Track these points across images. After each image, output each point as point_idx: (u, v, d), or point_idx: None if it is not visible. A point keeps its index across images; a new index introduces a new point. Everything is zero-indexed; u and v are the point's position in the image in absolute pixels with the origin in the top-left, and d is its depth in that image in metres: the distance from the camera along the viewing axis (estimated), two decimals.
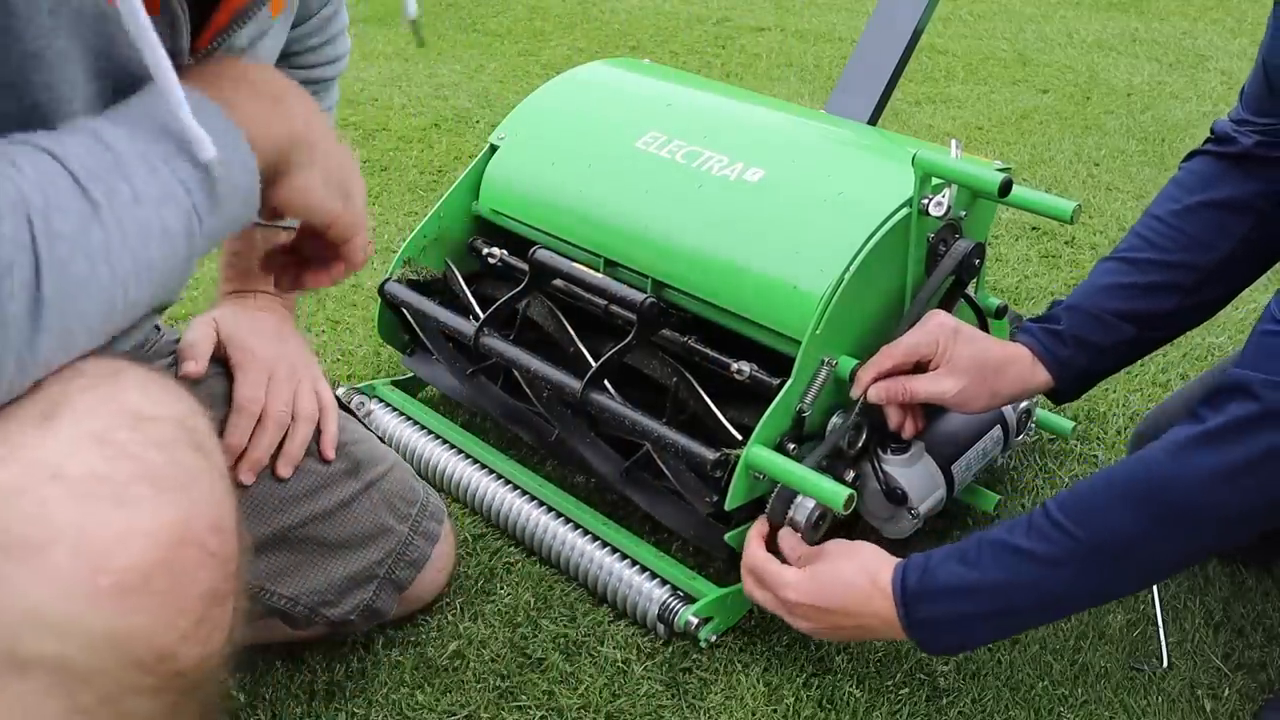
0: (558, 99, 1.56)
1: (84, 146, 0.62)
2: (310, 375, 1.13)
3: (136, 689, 0.63)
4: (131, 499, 0.61)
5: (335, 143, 0.81)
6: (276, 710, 1.13)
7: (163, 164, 0.64)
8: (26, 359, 0.60)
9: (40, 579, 0.59)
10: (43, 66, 0.65)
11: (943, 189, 1.21)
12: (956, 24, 3.86)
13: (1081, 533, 0.99)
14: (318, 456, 1.10)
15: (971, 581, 1.02)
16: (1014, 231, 2.24)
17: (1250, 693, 1.21)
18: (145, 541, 0.61)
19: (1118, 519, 0.98)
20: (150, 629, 0.62)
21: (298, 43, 1.08)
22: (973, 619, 1.04)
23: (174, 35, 0.73)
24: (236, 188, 0.70)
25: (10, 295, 0.57)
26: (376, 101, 2.86)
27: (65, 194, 0.60)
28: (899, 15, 1.59)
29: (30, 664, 0.60)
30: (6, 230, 0.57)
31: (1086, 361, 1.21)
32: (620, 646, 1.22)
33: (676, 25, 3.76)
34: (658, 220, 1.35)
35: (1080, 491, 1.02)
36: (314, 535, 1.08)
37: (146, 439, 0.64)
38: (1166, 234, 1.21)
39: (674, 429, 1.23)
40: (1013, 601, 1.02)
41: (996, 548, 1.03)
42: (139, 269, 0.64)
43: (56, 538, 0.59)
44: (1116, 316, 1.20)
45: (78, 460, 0.61)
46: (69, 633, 0.60)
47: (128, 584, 0.60)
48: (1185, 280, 1.20)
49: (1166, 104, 3.10)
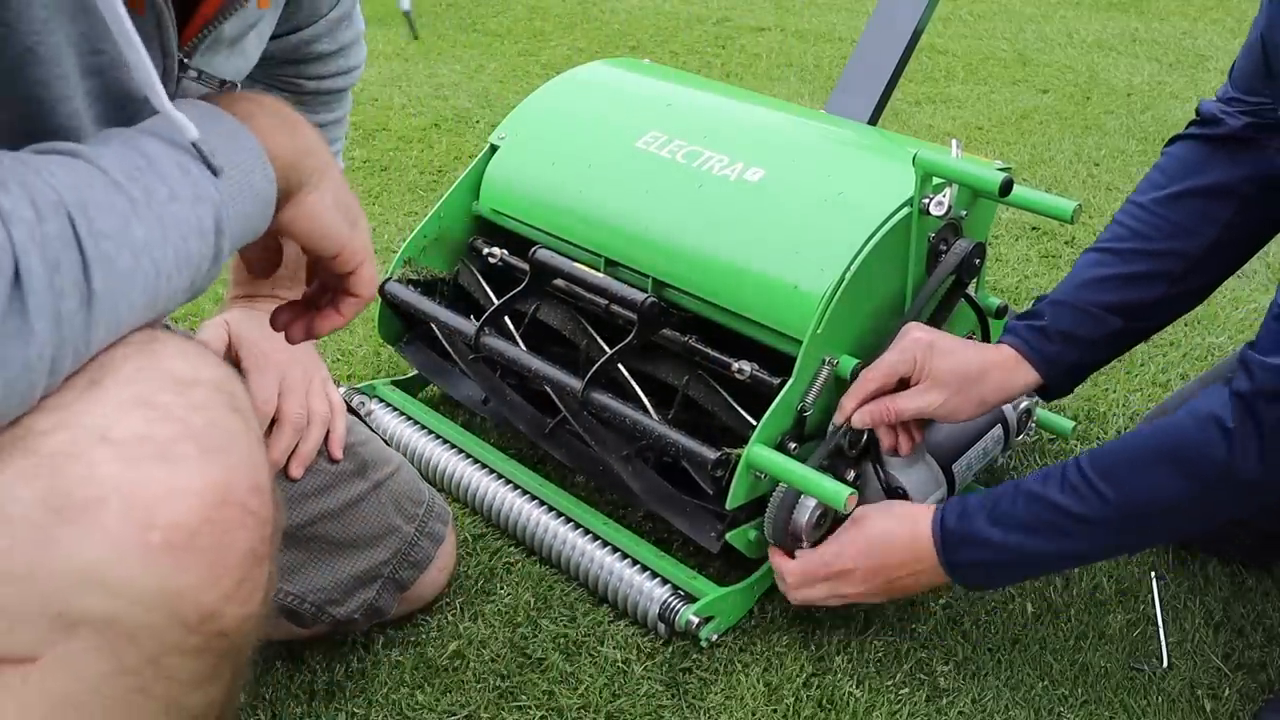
0: (558, 99, 1.56)
1: (115, 151, 0.64)
2: (320, 377, 1.16)
3: (180, 649, 0.64)
4: (177, 459, 0.63)
5: (340, 174, 0.82)
6: (276, 710, 1.13)
7: (193, 165, 0.67)
8: (83, 352, 0.62)
9: (92, 538, 0.60)
10: (37, 62, 0.66)
11: (943, 189, 1.21)
12: (956, 24, 3.86)
13: (1115, 493, 1.03)
14: (326, 456, 1.11)
15: (1004, 533, 1.07)
16: (1014, 231, 2.24)
17: (1250, 693, 1.21)
18: (192, 500, 0.63)
19: (1152, 481, 1.02)
20: (197, 586, 0.63)
21: (306, 47, 1.07)
22: (1008, 566, 1.10)
23: (160, 32, 0.74)
24: (257, 193, 0.71)
25: (63, 292, 0.59)
26: (376, 101, 2.86)
27: (103, 193, 0.61)
28: (899, 15, 1.59)
29: (79, 623, 0.62)
30: (51, 230, 0.58)
31: (1075, 356, 1.20)
32: (620, 646, 1.22)
33: (676, 25, 3.76)
34: (658, 220, 1.35)
35: (1113, 450, 1.05)
36: (322, 534, 1.09)
37: (188, 402, 0.65)
38: (1151, 222, 1.20)
39: (674, 429, 1.23)
40: (1045, 552, 1.08)
41: (1030, 500, 1.07)
42: (179, 262, 0.66)
43: (107, 497, 0.61)
44: (1102, 309, 1.19)
45: (124, 423, 0.63)
46: (119, 590, 0.61)
47: (176, 541, 0.62)
48: (1172, 268, 1.19)
49: (1166, 104, 3.10)
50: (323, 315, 0.86)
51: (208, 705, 0.69)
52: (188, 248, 0.66)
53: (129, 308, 0.64)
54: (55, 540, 0.60)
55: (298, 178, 0.75)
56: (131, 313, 0.64)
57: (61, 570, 0.61)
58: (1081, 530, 1.05)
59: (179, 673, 0.65)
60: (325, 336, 0.91)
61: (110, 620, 0.62)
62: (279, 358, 1.12)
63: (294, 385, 1.12)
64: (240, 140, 0.70)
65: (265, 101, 0.76)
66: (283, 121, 0.75)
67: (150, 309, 0.66)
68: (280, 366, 1.12)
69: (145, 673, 0.64)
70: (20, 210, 0.57)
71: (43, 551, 0.60)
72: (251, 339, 1.12)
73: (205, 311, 1.73)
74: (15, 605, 0.61)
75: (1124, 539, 1.10)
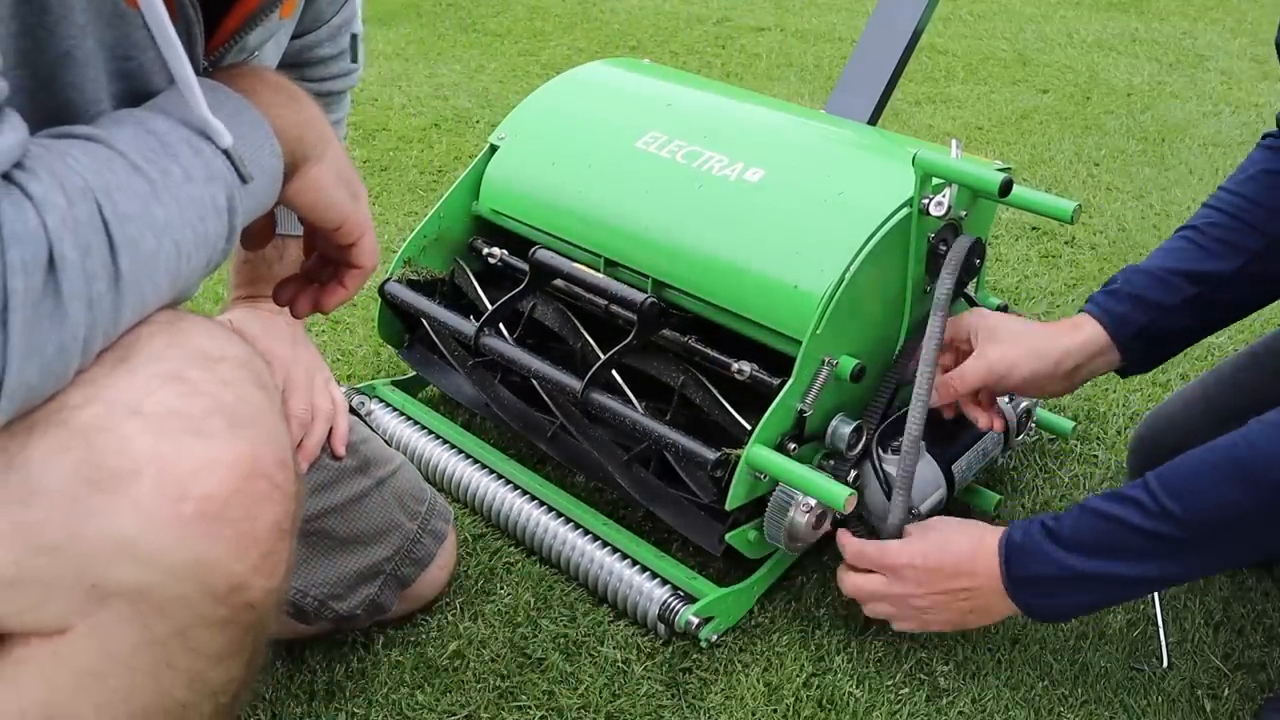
0: (558, 99, 1.56)
1: (130, 133, 0.65)
2: (323, 376, 1.17)
3: (208, 620, 0.66)
4: (207, 432, 0.64)
5: (341, 146, 0.83)
6: (276, 710, 1.13)
7: (204, 145, 0.68)
8: (111, 333, 0.64)
9: (126, 509, 0.62)
10: (74, 66, 0.67)
11: (943, 189, 1.21)
12: (956, 24, 3.86)
13: (1183, 509, 0.99)
14: (329, 453, 1.12)
15: (1068, 552, 1.04)
16: (1014, 231, 2.24)
17: (1250, 693, 1.21)
18: (223, 471, 0.64)
19: (1222, 495, 0.98)
20: (227, 557, 0.64)
21: (308, 51, 1.08)
22: (1071, 584, 1.05)
23: (189, 41, 0.74)
24: (264, 169, 0.72)
25: (94, 275, 0.60)
26: (376, 101, 2.86)
27: (124, 176, 0.63)
28: (899, 15, 1.59)
29: (111, 594, 0.63)
30: (81, 214, 0.59)
31: (1145, 319, 1.17)
32: (620, 646, 1.22)
33: (676, 25, 3.76)
34: (658, 220, 1.35)
35: (1180, 465, 1.02)
36: (325, 529, 1.10)
37: (216, 377, 0.67)
38: (1233, 201, 1.20)
39: (674, 429, 1.23)
40: (1114, 574, 1.03)
41: (1096, 517, 1.04)
42: (197, 241, 0.67)
43: (140, 469, 0.62)
44: (1176, 274, 1.18)
45: (155, 398, 0.64)
46: (152, 560, 0.63)
47: (208, 512, 0.63)
48: (1251, 243, 1.17)
49: (1166, 104, 3.10)
50: (328, 291, 0.87)
51: (228, 681, 0.70)
52: (205, 227, 0.67)
53: (154, 288, 0.65)
54: (90, 512, 0.61)
55: (302, 151, 0.76)
56: (156, 293, 0.65)
57: (96, 541, 0.62)
58: (1152, 549, 1.01)
59: (205, 646, 0.67)
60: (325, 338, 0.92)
61: (142, 591, 0.63)
62: (282, 357, 1.14)
63: (297, 383, 1.13)
64: (246, 116, 0.71)
65: (267, 75, 0.77)
66: (285, 95, 0.76)
67: (172, 289, 0.67)
68: (283, 365, 1.14)
69: (172, 645, 0.65)
70: (52, 196, 0.58)
71: (77, 523, 0.61)
72: (254, 338, 1.12)
73: (207, 311, 1.73)
74: (50, 577, 0.62)
75: (1198, 558, 1.02)
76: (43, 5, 0.64)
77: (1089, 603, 1.09)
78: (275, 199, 0.75)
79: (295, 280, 0.89)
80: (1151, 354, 1.22)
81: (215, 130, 0.68)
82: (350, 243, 0.83)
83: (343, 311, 1.84)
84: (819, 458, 1.27)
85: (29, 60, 0.65)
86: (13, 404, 0.59)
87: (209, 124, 0.67)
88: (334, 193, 0.80)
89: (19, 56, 0.64)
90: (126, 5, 0.68)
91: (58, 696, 0.65)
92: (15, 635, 0.65)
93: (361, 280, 0.87)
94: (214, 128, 0.68)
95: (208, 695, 0.69)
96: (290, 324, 1.18)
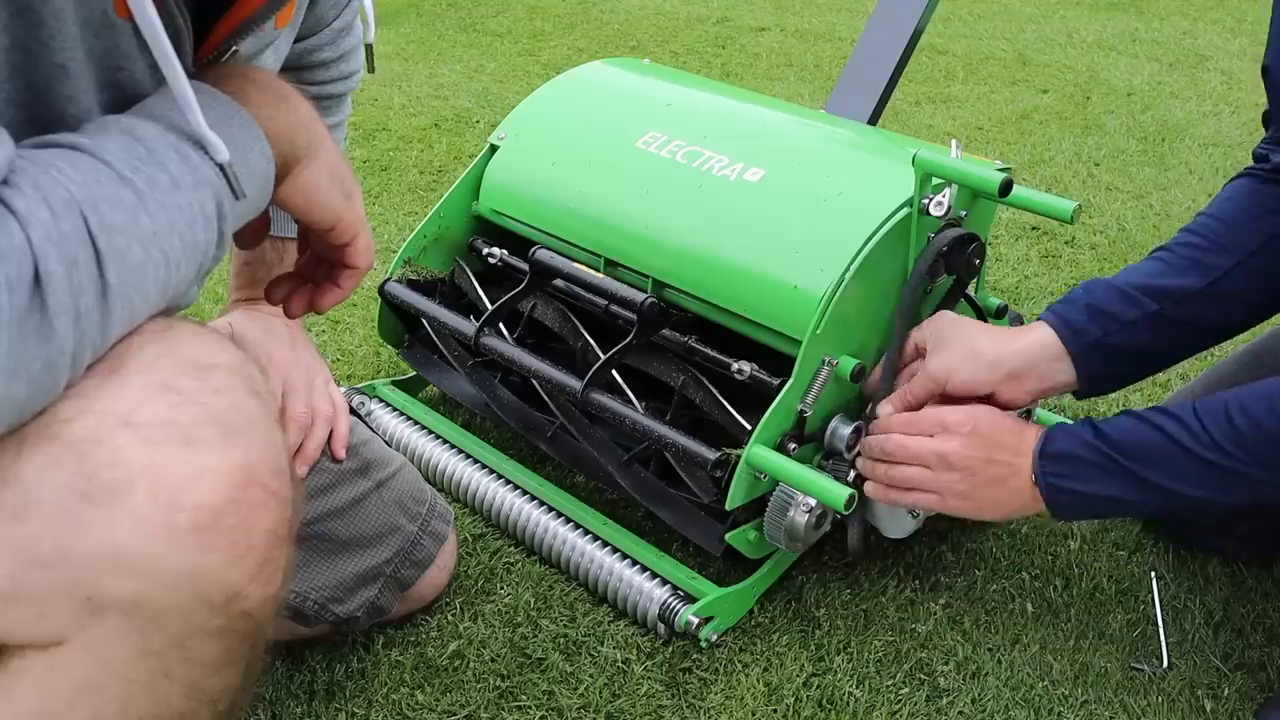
0: (558, 99, 1.56)
1: (116, 141, 0.64)
2: (322, 378, 1.17)
3: (205, 630, 0.65)
4: (200, 441, 0.64)
5: (334, 145, 0.82)
6: (276, 710, 1.13)
7: (191, 152, 0.67)
8: (99, 345, 0.63)
9: (120, 521, 0.61)
10: (67, 78, 0.67)
11: (943, 189, 1.21)
12: (956, 24, 3.87)
13: (1237, 444, 1.01)
14: (329, 456, 1.12)
15: (1113, 452, 1.05)
16: (1014, 231, 2.24)
17: (1250, 693, 1.21)
18: (216, 481, 0.64)
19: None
20: (222, 566, 0.64)
21: (309, 55, 1.08)
22: (1105, 475, 1.06)
23: (178, 48, 0.74)
24: (255, 174, 0.71)
25: (81, 289, 0.59)
26: (376, 101, 2.86)
27: (110, 187, 0.62)
28: (899, 15, 1.59)
29: (107, 606, 0.62)
30: (66, 227, 0.59)
31: (1101, 331, 1.15)
32: (620, 646, 1.22)
33: (676, 25, 3.76)
34: (658, 220, 1.35)
35: (1255, 393, 1.02)
36: (325, 532, 1.10)
37: (209, 386, 0.66)
38: (1204, 223, 1.19)
39: (674, 429, 1.23)
40: (1153, 485, 1.04)
41: (1137, 419, 1.07)
42: (186, 250, 0.66)
43: (134, 480, 0.62)
44: (1138, 289, 1.16)
45: (147, 408, 0.63)
46: (148, 571, 0.62)
47: (202, 522, 0.63)
48: (1219, 261, 1.15)
49: (1166, 104, 3.10)
50: (323, 292, 0.86)
51: (225, 689, 0.70)
52: (193, 235, 0.67)
53: (142, 299, 0.64)
54: (84, 525, 0.61)
55: (293, 152, 0.75)
56: (145, 303, 0.65)
57: (91, 554, 0.61)
58: (1201, 474, 1.02)
59: (202, 655, 0.66)
60: (325, 338, 0.92)
61: (138, 602, 0.63)
62: (282, 359, 1.13)
63: (297, 386, 1.13)
64: (236, 119, 0.70)
65: (255, 75, 0.76)
66: (275, 94, 0.75)
67: (162, 298, 0.66)
68: (283, 368, 1.13)
69: (169, 655, 0.65)
70: (36, 211, 0.58)
71: (72, 536, 0.61)
72: (254, 340, 1.13)
73: (206, 313, 1.73)
74: (45, 590, 0.62)
75: (1242, 486, 1.02)
76: (36, 19, 0.63)
77: (1112, 497, 1.07)
78: (267, 202, 0.75)
79: (289, 279, 0.88)
80: (1109, 372, 1.18)
81: (212, 145, 0.67)
82: (344, 243, 0.83)
83: (342, 311, 1.84)
84: (819, 458, 1.27)
85: (22, 73, 0.64)
86: (1, 420, 0.59)
87: (206, 139, 0.67)
88: (327, 193, 0.79)
89: (12, 70, 0.64)
90: (116, 15, 0.67)
91: (54, 708, 0.65)
92: (11, 648, 0.65)
93: (356, 280, 0.86)
94: (211, 143, 0.67)
95: (206, 704, 0.69)
96: (289, 326, 1.18)
